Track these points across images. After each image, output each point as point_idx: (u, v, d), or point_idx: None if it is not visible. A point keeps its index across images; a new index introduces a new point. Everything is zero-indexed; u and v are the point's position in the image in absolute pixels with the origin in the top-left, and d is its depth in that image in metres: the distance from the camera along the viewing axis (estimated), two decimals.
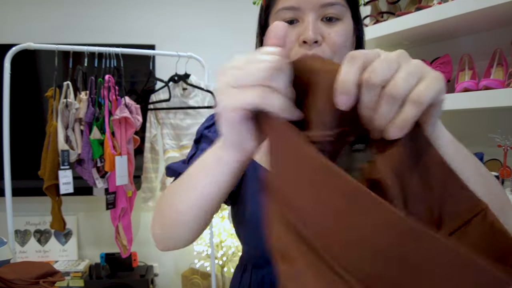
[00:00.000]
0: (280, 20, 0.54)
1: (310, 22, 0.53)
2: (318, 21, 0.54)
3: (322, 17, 0.54)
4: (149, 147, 1.99)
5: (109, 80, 1.65)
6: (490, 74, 1.24)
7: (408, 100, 0.30)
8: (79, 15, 2.26)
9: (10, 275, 1.40)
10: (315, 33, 0.53)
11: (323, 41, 0.54)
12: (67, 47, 1.75)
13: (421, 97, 0.30)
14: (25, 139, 2.10)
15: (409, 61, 0.32)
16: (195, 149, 0.65)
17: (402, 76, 0.30)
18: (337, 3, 0.54)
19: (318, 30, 0.53)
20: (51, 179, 1.62)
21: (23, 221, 2.26)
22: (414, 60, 0.32)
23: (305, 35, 0.52)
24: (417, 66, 0.31)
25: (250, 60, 0.33)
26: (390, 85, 0.30)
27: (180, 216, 0.46)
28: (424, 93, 0.30)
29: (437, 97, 0.31)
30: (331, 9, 0.54)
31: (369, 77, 0.30)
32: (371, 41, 1.50)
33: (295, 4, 0.53)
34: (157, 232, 0.52)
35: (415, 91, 0.30)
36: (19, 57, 1.73)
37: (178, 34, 2.31)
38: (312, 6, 0.53)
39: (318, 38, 0.53)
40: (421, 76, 0.31)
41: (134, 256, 2.12)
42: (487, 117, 1.35)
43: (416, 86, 0.30)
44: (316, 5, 0.53)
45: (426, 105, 0.30)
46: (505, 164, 1.13)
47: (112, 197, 1.70)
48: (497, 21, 1.23)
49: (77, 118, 1.65)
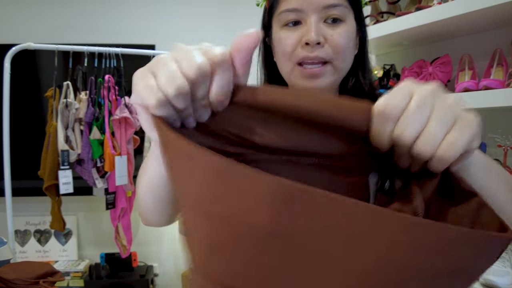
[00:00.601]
0: (283, 22, 0.55)
1: (312, 24, 0.53)
2: (320, 22, 0.54)
3: (325, 18, 0.54)
4: (149, 147, 1.99)
5: (109, 80, 1.65)
6: (490, 74, 1.24)
7: (435, 157, 0.30)
8: (79, 15, 2.26)
9: (10, 275, 1.40)
10: (318, 35, 0.52)
11: (325, 42, 0.54)
12: (67, 47, 1.75)
13: (443, 155, 0.29)
14: (25, 139, 2.10)
15: (441, 102, 0.30)
16: None
17: (431, 131, 0.29)
18: (340, 5, 0.54)
19: (320, 31, 0.53)
20: (51, 179, 1.62)
21: (23, 221, 2.25)
22: (447, 99, 0.30)
23: (308, 37, 0.52)
24: (449, 109, 0.30)
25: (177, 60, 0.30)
26: (420, 142, 0.30)
27: (141, 198, 0.50)
28: (448, 149, 0.29)
29: (468, 145, 0.30)
30: (334, 11, 0.54)
31: (401, 134, 0.30)
32: (371, 41, 1.48)
33: (298, 6, 0.53)
34: (139, 207, 0.55)
35: (441, 148, 0.29)
36: (19, 57, 1.73)
37: (178, 34, 2.31)
38: (314, 8, 0.53)
39: (320, 39, 0.53)
40: (454, 121, 0.30)
41: (134, 256, 2.12)
42: (487, 117, 1.34)
43: (445, 138, 0.29)
44: (318, 6, 0.53)
45: (453, 159, 0.30)
46: (505, 164, 1.13)
47: (112, 197, 1.70)
48: (497, 21, 1.23)
49: (77, 118, 1.65)
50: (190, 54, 0.30)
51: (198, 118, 0.33)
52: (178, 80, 0.29)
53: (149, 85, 0.30)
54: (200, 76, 0.30)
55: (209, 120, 0.33)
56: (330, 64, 0.54)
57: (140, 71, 0.32)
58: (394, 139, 0.31)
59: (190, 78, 0.29)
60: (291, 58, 0.55)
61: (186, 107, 0.31)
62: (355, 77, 0.60)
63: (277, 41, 0.57)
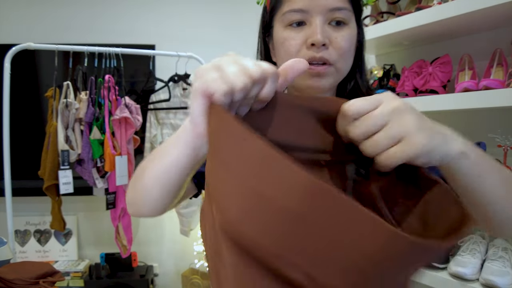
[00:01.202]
0: (287, 22, 0.57)
1: (318, 26, 0.54)
2: (325, 24, 0.55)
3: (330, 21, 0.56)
4: (149, 147, 1.99)
5: (109, 80, 1.65)
6: (490, 74, 1.24)
7: (376, 159, 0.37)
8: (79, 15, 2.26)
9: (10, 275, 1.40)
10: (324, 37, 0.54)
11: (330, 44, 0.55)
12: (67, 47, 1.75)
13: (383, 162, 0.37)
14: (25, 139, 2.10)
15: (398, 120, 0.37)
16: None
17: (376, 140, 0.37)
18: (345, 8, 0.56)
19: (326, 33, 0.55)
20: (51, 179, 1.62)
21: (23, 221, 2.26)
22: (406, 118, 0.37)
23: (314, 38, 0.54)
24: (400, 128, 0.36)
25: (238, 63, 0.37)
26: (364, 144, 0.38)
27: (146, 185, 0.49)
28: (387, 158, 0.36)
29: (410, 159, 0.36)
30: (339, 14, 0.55)
31: (350, 131, 0.39)
32: (371, 41, 1.50)
33: (303, 7, 0.54)
34: (129, 195, 0.54)
35: (382, 155, 0.37)
36: (19, 57, 1.73)
37: (178, 34, 2.31)
38: (320, 10, 0.54)
39: (326, 41, 0.54)
40: (400, 139, 0.36)
41: (134, 256, 2.12)
42: (487, 117, 1.35)
43: (387, 150, 0.36)
44: (324, 8, 0.54)
45: (390, 168, 0.37)
46: (505, 164, 1.13)
47: (112, 197, 1.70)
48: (497, 21, 1.23)
49: (77, 118, 1.65)
50: (253, 62, 0.37)
51: (239, 111, 0.39)
52: (246, 78, 0.35)
53: (220, 77, 0.35)
54: (262, 79, 0.37)
55: (245, 115, 0.40)
56: (333, 66, 0.56)
57: (205, 66, 0.38)
58: (346, 132, 0.39)
59: (254, 78, 0.36)
60: (296, 58, 0.55)
61: (240, 100, 0.37)
62: (353, 78, 0.64)
63: (280, 40, 0.58)
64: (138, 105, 1.76)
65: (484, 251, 1.23)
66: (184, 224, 2.04)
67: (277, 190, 0.31)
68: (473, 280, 1.15)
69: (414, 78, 1.39)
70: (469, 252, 1.23)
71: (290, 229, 0.31)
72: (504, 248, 1.18)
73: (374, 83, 1.56)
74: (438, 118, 1.54)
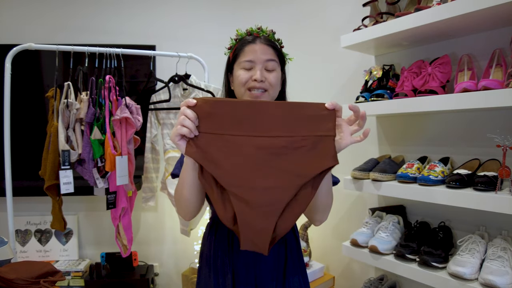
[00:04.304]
0: (241, 66, 0.96)
1: (258, 70, 0.95)
2: (263, 69, 0.95)
3: (265, 67, 0.96)
4: (149, 147, 2.00)
5: (110, 81, 1.66)
6: (489, 74, 1.24)
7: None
8: (80, 15, 2.27)
9: (10, 274, 1.41)
10: (262, 75, 0.94)
11: (265, 80, 0.95)
12: (67, 48, 1.76)
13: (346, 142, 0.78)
14: (26, 139, 2.11)
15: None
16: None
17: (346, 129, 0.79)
18: (274, 60, 0.97)
19: (263, 74, 0.95)
20: (52, 179, 1.63)
21: (24, 221, 2.26)
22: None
23: (257, 76, 0.94)
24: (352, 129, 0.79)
25: (181, 120, 0.75)
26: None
27: (186, 198, 0.87)
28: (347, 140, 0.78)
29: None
30: (271, 63, 0.96)
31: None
32: (371, 42, 1.50)
33: (251, 59, 0.95)
34: (179, 211, 0.94)
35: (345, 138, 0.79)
36: (20, 57, 1.73)
37: (178, 34, 2.32)
38: (261, 61, 0.95)
39: (263, 78, 0.94)
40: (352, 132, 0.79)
41: (135, 255, 2.13)
42: (486, 117, 1.36)
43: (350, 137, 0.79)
44: (263, 60, 0.95)
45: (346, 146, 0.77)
46: (504, 164, 1.13)
47: (112, 197, 1.70)
48: (497, 21, 1.23)
49: (78, 118, 1.65)
50: (182, 116, 0.75)
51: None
52: (188, 122, 0.75)
53: (181, 128, 0.75)
54: (188, 119, 0.75)
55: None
56: (267, 92, 0.96)
57: (174, 129, 0.76)
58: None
59: (189, 120, 0.75)
60: (244, 86, 0.96)
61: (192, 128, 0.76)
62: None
63: (236, 76, 0.98)
64: (139, 105, 1.76)
65: (483, 251, 1.23)
66: (184, 224, 2.05)
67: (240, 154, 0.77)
68: (472, 279, 1.15)
69: (413, 78, 1.39)
70: (468, 252, 1.23)
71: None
72: (503, 248, 1.18)
73: (374, 83, 1.56)
74: (438, 118, 1.55)
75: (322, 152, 0.74)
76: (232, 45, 1.04)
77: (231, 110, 0.75)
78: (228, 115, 0.75)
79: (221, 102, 0.75)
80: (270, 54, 0.96)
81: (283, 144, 0.74)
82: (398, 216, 1.54)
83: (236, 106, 0.75)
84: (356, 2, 1.79)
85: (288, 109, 0.75)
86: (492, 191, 1.13)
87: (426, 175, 1.29)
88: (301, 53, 1.11)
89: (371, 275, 1.81)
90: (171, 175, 0.98)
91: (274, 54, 0.97)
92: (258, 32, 1.00)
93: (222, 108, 0.75)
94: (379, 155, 1.72)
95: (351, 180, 1.54)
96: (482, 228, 1.34)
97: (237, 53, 0.99)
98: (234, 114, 0.75)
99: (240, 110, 0.75)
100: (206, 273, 1.00)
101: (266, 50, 0.95)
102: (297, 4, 2.18)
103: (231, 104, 0.75)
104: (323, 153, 0.74)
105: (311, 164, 0.74)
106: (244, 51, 0.97)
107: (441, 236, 1.36)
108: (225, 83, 1.06)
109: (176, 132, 0.73)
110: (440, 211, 1.47)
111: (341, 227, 2.01)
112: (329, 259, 2.10)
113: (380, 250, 1.41)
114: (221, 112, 0.75)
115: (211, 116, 0.75)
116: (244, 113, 0.75)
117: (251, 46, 0.96)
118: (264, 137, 0.75)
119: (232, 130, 0.75)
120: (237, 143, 0.75)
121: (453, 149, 1.46)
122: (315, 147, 0.74)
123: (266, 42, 0.97)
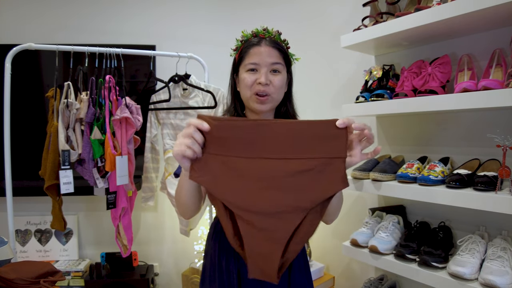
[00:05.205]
0: (247, 69, 0.96)
1: (263, 73, 0.94)
2: (268, 72, 0.95)
3: (270, 70, 0.95)
4: (149, 147, 2.00)
5: (110, 80, 1.66)
6: (489, 74, 1.24)
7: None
8: (80, 15, 2.27)
9: (10, 274, 1.41)
10: (266, 79, 0.94)
11: (270, 84, 0.94)
12: (67, 48, 1.76)
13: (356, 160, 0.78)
14: (26, 139, 2.11)
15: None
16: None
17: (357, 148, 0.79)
18: (279, 63, 0.96)
19: (268, 77, 0.94)
20: (52, 179, 1.63)
21: (24, 221, 2.26)
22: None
23: (261, 79, 0.94)
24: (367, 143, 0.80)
25: (183, 133, 0.75)
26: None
27: (184, 202, 0.90)
28: (358, 157, 0.77)
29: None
30: (276, 66, 0.95)
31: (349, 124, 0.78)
32: (371, 42, 1.50)
33: (256, 61, 0.95)
34: (179, 211, 0.95)
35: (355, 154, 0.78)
36: (20, 57, 1.73)
37: (178, 34, 2.32)
38: (265, 64, 0.95)
39: (267, 81, 0.94)
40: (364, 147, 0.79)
41: (135, 255, 2.13)
42: (486, 117, 1.36)
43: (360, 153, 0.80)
44: (268, 63, 0.95)
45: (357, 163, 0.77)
46: (504, 164, 1.13)
47: (112, 197, 1.70)
48: (496, 22, 1.23)
49: (78, 118, 1.65)
50: (189, 129, 0.75)
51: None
52: (191, 141, 0.75)
53: (185, 145, 0.74)
54: (195, 134, 0.75)
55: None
56: (271, 96, 0.95)
57: (177, 141, 0.76)
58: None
59: (194, 139, 0.75)
60: (250, 89, 0.96)
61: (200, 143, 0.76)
62: (285, 105, 1.04)
63: (242, 79, 0.98)
64: (139, 105, 1.76)
65: (483, 251, 1.23)
66: (184, 223, 2.05)
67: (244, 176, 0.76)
68: (472, 279, 1.15)
69: (413, 78, 1.39)
70: (468, 252, 1.23)
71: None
72: (503, 248, 1.18)
73: (374, 83, 1.56)
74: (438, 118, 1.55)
75: (331, 175, 0.71)
76: (237, 46, 1.03)
77: (238, 132, 0.73)
78: (235, 137, 0.73)
79: (228, 124, 0.73)
80: (276, 56, 0.95)
81: (291, 167, 0.71)
82: (398, 216, 1.54)
83: (243, 128, 0.73)
84: (356, 2, 1.79)
85: (297, 129, 0.72)
86: (492, 191, 1.13)
87: (426, 175, 1.29)
88: (301, 53, 1.10)
89: (371, 275, 1.81)
90: (173, 174, 1.01)
91: (280, 57, 0.96)
92: (264, 33, 0.99)
93: (229, 131, 0.73)
94: (379, 155, 1.72)
95: (351, 180, 1.54)
96: (482, 228, 1.34)
97: (243, 55, 0.98)
98: (241, 136, 0.73)
99: (247, 132, 0.72)
100: (210, 273, 0.99)
101: (271, 52, 0.95)
102: (297, 4, 2.18)
103: (238, 126, 0.73)
104: (332, 176, 0.71)
105: (320, 188, 0.71)
106: (249, 54, 0.96)
107: (441, 236, 1.36)
108: (231, 85, 1.06)
109: (181, 153, 0.73)
110: (440, 211, 1.47)
111: (341, 227, 2.01)
112: (329, 259, 2.10)
113: (380, 250, 1.41)
114: (227, 134, 0.73)
115: (217, 139, 0.73)
116: (251, 135, 0.72)
117: (256, 49, 0.95)
118: (272, 159, 0.72)
119: (239, 152, 0.73)
120: (243, 166, 0.73)
121: (453, 149, 1.46)
122: (324, 169, 0.71)
123: (271, 44, 0.96)
